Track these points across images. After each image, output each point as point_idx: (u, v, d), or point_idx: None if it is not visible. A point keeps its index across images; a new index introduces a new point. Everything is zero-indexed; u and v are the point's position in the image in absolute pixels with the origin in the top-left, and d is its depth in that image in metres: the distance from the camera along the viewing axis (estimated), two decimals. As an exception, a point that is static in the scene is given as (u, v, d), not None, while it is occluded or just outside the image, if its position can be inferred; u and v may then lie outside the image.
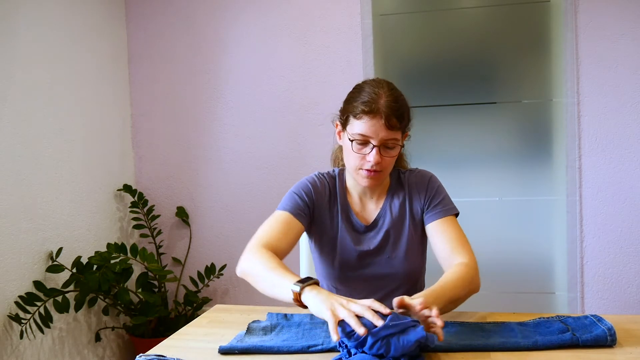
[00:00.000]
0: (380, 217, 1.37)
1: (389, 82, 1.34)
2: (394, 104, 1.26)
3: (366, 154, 1.26)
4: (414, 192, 1.38)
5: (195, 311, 2.68)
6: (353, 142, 1.26)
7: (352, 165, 1.31)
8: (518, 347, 1.02)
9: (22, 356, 2.15)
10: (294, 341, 1.09)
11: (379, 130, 1.24)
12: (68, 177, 2.42)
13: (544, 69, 2.56)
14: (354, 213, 1.38)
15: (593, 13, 2.43)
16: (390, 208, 1.37)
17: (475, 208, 2.65)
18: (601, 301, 2.50)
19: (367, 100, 1.25)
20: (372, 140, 1.25)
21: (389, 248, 1.36)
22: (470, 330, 1.12)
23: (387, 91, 1.27)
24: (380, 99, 1.25)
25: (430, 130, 2.68)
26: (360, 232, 1.37)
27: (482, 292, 1.27)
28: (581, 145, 2.48)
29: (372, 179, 1.29)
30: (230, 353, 1.07)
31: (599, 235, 2.49)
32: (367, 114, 1.24)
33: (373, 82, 1.32)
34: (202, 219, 2.87)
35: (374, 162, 1.25)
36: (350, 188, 1.40)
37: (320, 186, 1.38)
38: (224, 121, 2.82)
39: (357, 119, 1.25)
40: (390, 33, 2.69)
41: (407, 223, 1.36)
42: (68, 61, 2.45)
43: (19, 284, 2.14)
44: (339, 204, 1.38)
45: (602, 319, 1.09)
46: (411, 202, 1.38)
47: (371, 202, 1.40)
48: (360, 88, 1.31)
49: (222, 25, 2.80)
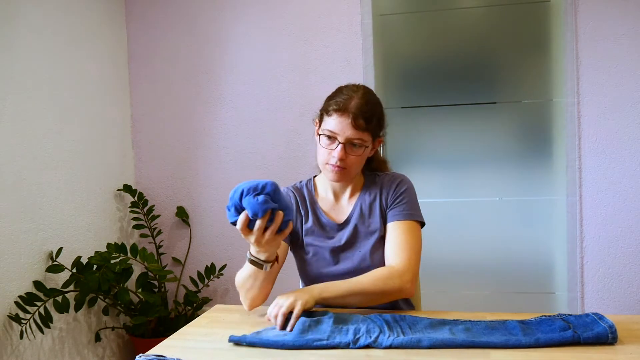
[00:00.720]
0: (352, 215, 1.43)
1: (369, 89, 1.42)
2: (364, 107, 1.34)
3: (332, 149, 1.34)
4: (383, 190, 1.44)
5: (195, 311, 2.68)
6: (321, 137, 1.36)
7: (320, 160, 1.39)
8: (520, 344, 1.03)
9: (22, 356, 2.15)
10: (298, 335, 1.11)
11: (346, 128, 1.32)
12: (68, 177, 2.42)
13: (544, 69, 2.56)
14: (324, 213, 1.45)
15: (593, 13, 2.43)
16: (361, 206, 1.44)
17: (475, 208, 2.65)
18: (601, 301, 2.50)
19: (340, 100, 1.34)
20: (339, 137, 1.33)
21: (360, 243, 1.41)
22: (473, 327, 1.12)
23: (361, 95, 1.36)
24: (352, 100, 1.34)
25: (430, 130, 2.68)
26: (332, 230, 1.43)
27: (482, 292, 1.28)
28: (581, 145, 2.48)
29: (336, 174, 1.36)
30: (239, 344, 1.11)
31: (599, 235, 2.49)
32: (336, 111, 1.33)
33: (352, 85, 1.41)
34: (202, 219, 2.87)
35: (338, 157, 1.33)
36: (322, 191, 1.48)
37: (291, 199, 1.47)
38: (224, 121, 2.82)
39: (328, 116, 1.35)
40: (390, 33, 2.69)
41: (376, 219, 1.42)
42: (68, 61, 2.45)
43: (19, 284, 2.14)
44: (310, 211, 1.45)
45: (604, 317, 1.09)
46: (380, 200, 1.43)
47: (344, 202, 1.46)
48: (338, 90, 1.41)
49: (222, 25, 2.80)
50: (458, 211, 2.67)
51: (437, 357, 1.02)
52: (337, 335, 1.11)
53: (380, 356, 1.04)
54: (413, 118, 2.69)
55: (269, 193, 1.12)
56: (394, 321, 1.16)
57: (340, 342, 1.08)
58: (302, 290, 1.25)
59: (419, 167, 2.71)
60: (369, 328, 1.13)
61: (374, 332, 1.11)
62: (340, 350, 1.07)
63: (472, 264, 2.66)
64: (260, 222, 1.13)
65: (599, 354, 1.00)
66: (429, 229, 2.78)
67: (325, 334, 1.11)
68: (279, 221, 1.14)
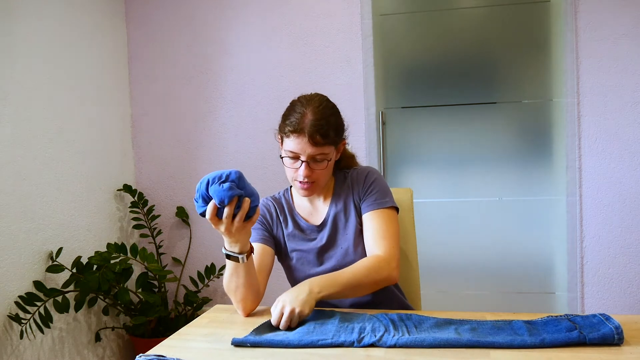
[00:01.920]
0: (329, 216, 1.46)
1: (321, 97, 1.43)
2: (318, 122, 1.34)
3: (297, 168, 1.37)
4: (354, 186, 1.47)
5: (195, 311, 2.68)
6: (285, 159, 1.39)
7: (289, 178, 1.42)
8: (525, 344, 1.03)
9: (22, 356, 2.15)
10: (304, 335, 1.11)
11: (305, 147, 1.34)
12: (68, 177, 2.42)
13: (544, 69, 2.56)
14: (302, 218, 1.48)
15: (593, 13, 2.43)
16: (336, 205, 1.46)
17: (475, 208, 2.65)
18: (601, 301, 2.50)
19: (293, 120, 1.35)
20: (301, 157, 1.36)
21: (340, 240, 1.44)
22: (479, 327, 1.12)
23: (314, 109, 1.36)
24: (305, 118, 1.34)
25: (430, 130, 2.68)
26: (312, 232, 1.46)
27: (482, 292, 1.28)
28: (581, 145, 2.48)
29: (306, 190, 1.40)
30: (242, 346, 1.10)
31: (599, 235, 2.49)
32: (292, 132, 1.35)
33: (304, 99, 1.41)
34: (202, 219, 2.87)
35: (304, 175, 1.36)
36: (298, 199, 1.51)
37: (266, 212, 1.50)
38: (224, 121, 2.82)
39: (287, 138, 1.37)
40: (390, 33, 2.69)
41: (352, 214, 1.44)
42: (68, 61, 2.45)
43: (19, 284, 2.14)
44: (289, 218, 1.49)
45: (610, 317, 1.09)
46: (353, 195, 1.46)
47: (320, 205, 1.49)
48: (291, 107, 1.41)
49: (222, 25, 2.80)
50: (458, 211, 2.67)
51: (438, 357, 1.02)
52: (342, 333, 1.11)
53: (380, 356, 1.04)
54: (413, 118, 2.69)
55: (234, 180, 1.15)
56: (399, 320, 1.16)
57: (345, 340, 1.08)
58: (302, 289, 1.24)
59: (419, 167, 2.71)
60: (375, 327, 1.13)
61: (379, 330, 1.11)
62: (340, 350, 1.07)
63: (472, 264, 2.66)
64: (228, 209, 1.15)
65: (601, 354, 1.00)
66: (429, 229, 2.78)
67: (330, 334, 1.11)
68: (246, 207, 1.17)
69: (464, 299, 2.66)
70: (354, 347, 1.07)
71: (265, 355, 1.07)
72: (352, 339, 1.08)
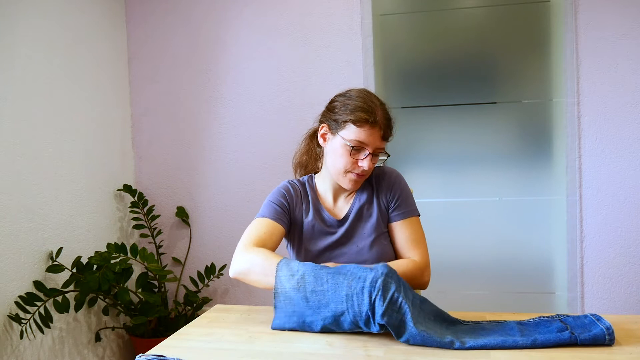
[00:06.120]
0: (351, 212, 1.46)
1: (372, 92, 1.44)
2: (389, 119, 1.39)
3: (359, 159, 1.37)
4: (380, 188, 1.47)
5: (195, 311, 2.68)
6: (345, 146, 1.36)
7: (339, 168, 1.40)
8: (516, 345, 1.04)
9: (22, 356, 2.15)
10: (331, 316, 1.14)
11: (376, 139, 1.36)
12: (68, 177, 2.42)
13: (544, 69, 2.56)
14: (326, 210, 1.47)
15: (593, 13, 2.43)
16: (360, 201, 1.47)
17: (475, 208, 2.65)
18: (601, 301, 2.50)
19: (368, 110, 1.35)
20: (368, 148, 1.36)
21: (357, 238, 1.44)
22: (471, 328, 1.13)
23: (381, 105, 1.39)
24: (378, 111, 1.36)
25: (430, 130, 2.68)
26: (332, 226, 1.46)
27: (482, 292, 1.28)
28: (581, 145, 2.48)
29: (357, 182, 1.41)
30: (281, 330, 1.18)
31: (599, 235, 2.49)
32: (368, 123, 1.34)
33: (364, 93, 1.41)
34: (202, 219, 2.87)
35: (367, 167, 1.36)
36: (322, 191, 1.50)
37: (293, 191, 1.49)
38: (224, 121, 2.82)
39: (357, 127, 1.35)
40: (390, 33, 2.69)
41: (374, 215, 1.45)
42: (68, 61, 2.45)
43: (19, 284, 2.14)
44: (311, 204, 1.47)
45: (602, 318, 1.09)
46: (378, 197, 1.47)
47: (342, 200, 1.49)
48: (353, 96, 1.40)
49: (222, 25, 2.80)
50: (458, 211, 2.67)
51: (439, 357, 1.02)
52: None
53: (380, 356, 1.04)
54: (413, 118, 2.69)
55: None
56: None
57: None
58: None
59: (419, 167, 2.71)
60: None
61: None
62: (340, 350, 1.07)
63: (472, 264, 2.66)
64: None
65: (598, 354, 1.00)
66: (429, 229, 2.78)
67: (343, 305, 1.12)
68: None
69: (464, 299, 2.66)
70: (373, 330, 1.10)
71: (266, 355, 1.07)
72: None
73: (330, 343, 1.11)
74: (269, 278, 1.21)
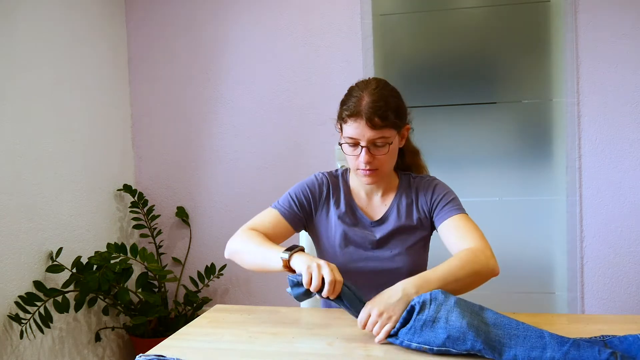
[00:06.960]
0: (389, 215, 1.41)
1: (379, 80, 1.38)
2: (377, 104, 1.29)
3: (357, 155, 1.32)
4: (420, 195, 1.42)
5: (195, 311, 2.68)
6: (344, 145, 1.34)
7: (351, 167, 1.38)
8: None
9: (22, 356, 2.15)
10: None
11: (364, 131, 1.29)
12: (68, 177, 2.42)
13: (544, 69, 2.56)
14: (360, 208, 1.42)
15: (593, 13, 2.43)
16: (398, 207, 1.42)
17: (475, 208, 2.63)
18: (601, 301, 2.50)
19: (350, 104, 1.31)
20: (360, 142, 1.31)
21: (393, 244, 1.39)
22: (501, 325, 1.06)
23: (370, 91, 1.31)
24: (362, 101, 1.30)
25: (430, 130, 2.68)
26: (366, 227, 1.41)
27: (482, 292, 1.28)
28: (581, 145, 2.48)
29: (369, 177, 1.35)
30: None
31: (599, 235, 2.49)
32: (350, 117, 1.30)
33: (362, 83, 1.37)
34: (202, 219, 2.87)
35: (365, 161, 1.31)
36: (355, 186, 1.45)
37: (319, 187, 1.44)
38: (224, 121, 2.82)
39: (345, 123, 1.33)
40: (390, 33, 2.69)
41: (414, 223, 1.41)
42: (68, 61, 2.45)
43: (19, 284, 2.14)
44: (343, 200, 1.42)
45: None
46: (417, 204, 1.42)
47: (377, 199, 1.44)
48: (349, 92, 1.37)
49: (222, 25, 2.80)
50: (458, 211, 2.66)
51: (438, 356, 1.02)
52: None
53: (380, 356, 1.04)
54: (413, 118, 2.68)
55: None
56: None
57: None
58: (395, 291, 1.13)
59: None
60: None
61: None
62: (340, 350, 1.07)
63: (472, 264, 2.65)
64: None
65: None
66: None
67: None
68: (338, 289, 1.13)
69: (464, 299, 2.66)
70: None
71: (266, 355, 1.07)
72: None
73: (330, 343, 1.11)
74: (264, 261, 1.23)
